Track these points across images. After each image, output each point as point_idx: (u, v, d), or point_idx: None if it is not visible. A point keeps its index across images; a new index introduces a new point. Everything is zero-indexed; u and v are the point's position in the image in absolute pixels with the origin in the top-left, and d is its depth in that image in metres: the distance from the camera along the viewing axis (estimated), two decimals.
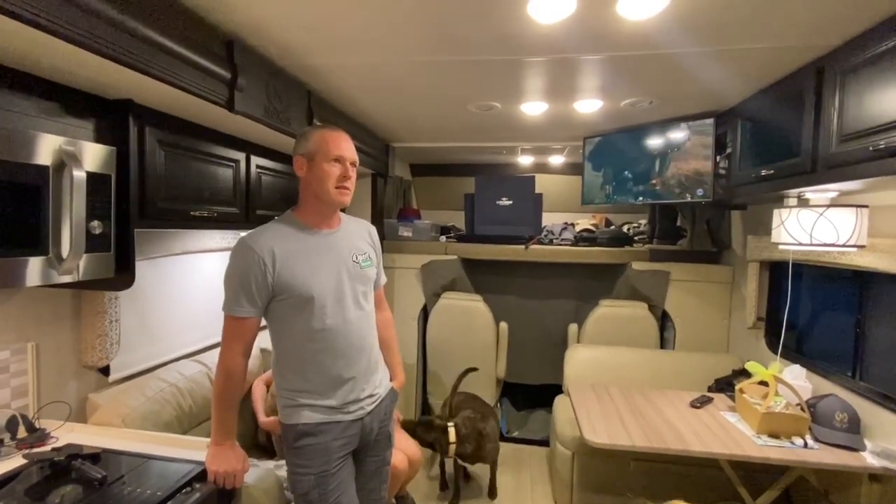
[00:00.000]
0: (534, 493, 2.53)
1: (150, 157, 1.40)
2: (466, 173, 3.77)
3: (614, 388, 2.24)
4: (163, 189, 1.44)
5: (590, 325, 2.91)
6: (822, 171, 1.49)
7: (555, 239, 3.17)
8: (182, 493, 1.16)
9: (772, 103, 1.81)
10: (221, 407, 1.27)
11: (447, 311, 3.07)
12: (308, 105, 1.92)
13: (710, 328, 2.78)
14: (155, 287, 1.87)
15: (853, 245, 1.60)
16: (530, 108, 2.21)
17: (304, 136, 1.32)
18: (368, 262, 1.41)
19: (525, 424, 3.41)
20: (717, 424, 1.83)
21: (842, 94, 1.41)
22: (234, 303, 1.24)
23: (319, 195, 1.29)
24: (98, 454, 1.27)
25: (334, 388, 1.30)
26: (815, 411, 1.72)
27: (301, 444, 1.28)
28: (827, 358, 2.04)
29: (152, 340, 1.85)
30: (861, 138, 1.32)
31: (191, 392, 1.76)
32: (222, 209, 1.72)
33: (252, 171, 1.88)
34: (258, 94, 1.57)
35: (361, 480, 1.42)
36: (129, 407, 1.54)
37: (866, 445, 1.61)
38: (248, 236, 1.26)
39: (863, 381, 1.82)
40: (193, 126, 1.60)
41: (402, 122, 2.60)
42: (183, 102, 1.38)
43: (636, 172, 2.57)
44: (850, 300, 1.91)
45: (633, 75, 1.79)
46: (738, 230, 2.69)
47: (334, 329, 1.29)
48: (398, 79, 1.86)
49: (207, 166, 1.65)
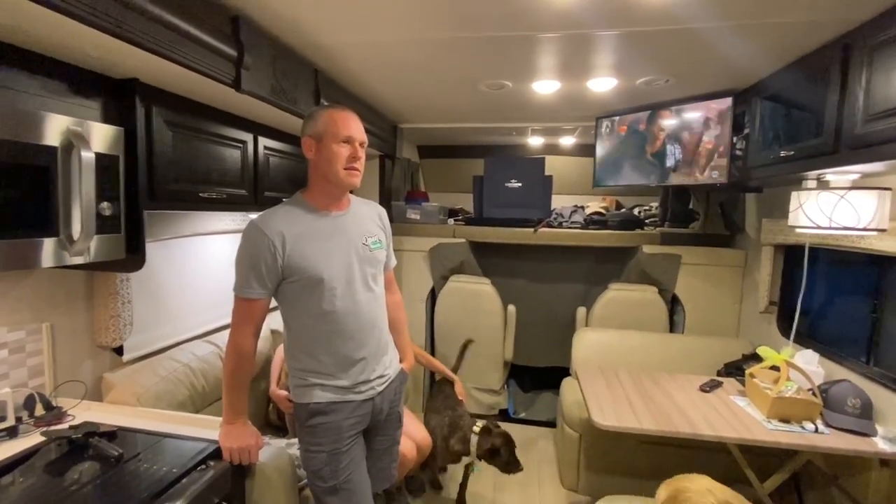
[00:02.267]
0: (540, 473, 2.56)
1: (157, 137, 1.38)
2: (475, 155, 3.71)
3: (623, 371, 2.23)
4: (171, 170, 1.44)
5: (599, 309, 2.89)
6: (846, 151, 1.44)
7: (564, 222, 3.14)
8: (197, 471, 1.18)
9: (794, 81, 1.74)
10: (232, 387, 1.29)
11: (455, 294, 3.07)
12: (315, 85, 1.89)
13: (721, 312, 2.75)
14: (166, 269, 1.88)
15: (874, 228, 1.55)
16: (542, 86, 2.16)
17: (312, 117, 1.29)
18: (378, 245, 1.40)
19: (532, 406, 3.43)
20: (727, 408, 1.83)
21: (869, 72, 1.35)
22: (244, 285, 1.24)
23: (329, 177, 1.28)
24: (114, 432, 1.29)
25: (345, 368, 1.31)
26: (827, 396, 1.71)
27: (313, 422, 1.29)
28: (840, 343, 2.02)
29: (164, 321, 1.87)
30: (889, 117, 1.27)
31: (203, 372, 1.79)
32: (230, 191, 1.71)
33: (260, 152, 1.86)
34: (265, 72, 1.54)
35: (372, 459, 1.44)
36: (144, 386, 1.56)
37: (878, 431, 1.60)
38: (258, 219, 1.25)
39: (877, 366, 1.79)
40: (200, 106, 1.58)
41: (410, 103, 2.56)
42: (189, 81, 1.36)
43: (650, 153, 2.52)
44: (866, 285, 1.88)
45: (650, 52, 1.73)
46: (753, 213, 2.63)
47: (344, 311, 1.29)
48: (407, 57, 1.81)
49: (215, 147, 1.64)
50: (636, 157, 2.59)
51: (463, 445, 1.97)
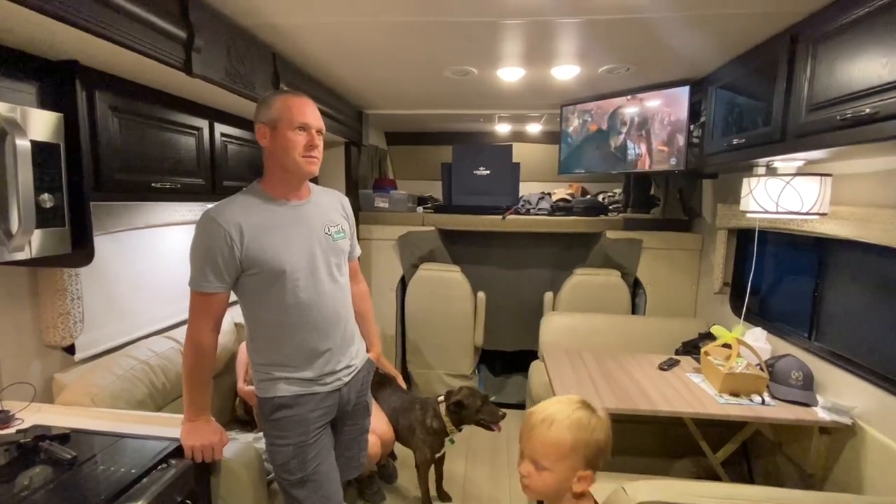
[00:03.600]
0: (509, 451, 2.64)
1: (102, 124, 1.30)
2: (443, 142, 3.69)
3: (587, 352, 2.31)
4: (118, 159, 1.36)
5: (565, 293, 2.97)
6: (791, 140, 1.52)
7: (532, 209, 3.18)
8: (157, 470, 1.15)
9: (746, 71, 1.81)
10: (193, 384, 1.25)
11: (425, 283, 3.07)
12: (274, 68, 1.82)
13: (679, 294, 2.88)
14: (119, 263, 1.80)
15: (816, 213, 1.65)
16: (507, 73, 2.16)
17: (265, 103, 1.25)
18: (341, 234, 1.38)
19: (502, 389, 3.51)
20: (683, 385, 1.92)
21: (813, 63, 1.42)
22: (200, 278, 1.20)
23: (286, 165, 1.24)
24: (67, 434, 1.24)
25: (310, 360, 1.30)
26: (773, 370, 1.82)
27: (278, 416, 1.28)
28: (786, 321, 2.15)
29: (119, 318, 1.79)
30: (829, 108, 1.34)
31: (163, 369, 1.73)
32: (186, 180, 1.64)
33: (217, 139, 1.79)
34: (218, 55, 1.47)
35: (340, 449, 1.44)
36: (98, 386, 1.50)
37: (818, 401, 1.72)
38: (212, 209, 1.21)
39: (818, 341, 1.92)
40: (150, 91, 1.49)
41: (375, 88, 2.51)
42: (135, 65, 1.28)
43: (613, 141, 2.57)
44: (809, 266, 2.00)
45: (610, 40, 1.75)
46: (709, 199, 2.74)
47: (308, 302, 1.27)
48: (369, 41, 1.77)
49: (167, 134, 1.56)
50: (600, 146, 2.64)
51: (438, 420, 2.00)
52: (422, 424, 2.03)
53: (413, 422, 2.06)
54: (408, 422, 2.08)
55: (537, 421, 0.97)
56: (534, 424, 0.97)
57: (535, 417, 0.98)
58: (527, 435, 0.98)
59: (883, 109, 1.14)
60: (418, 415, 2.06)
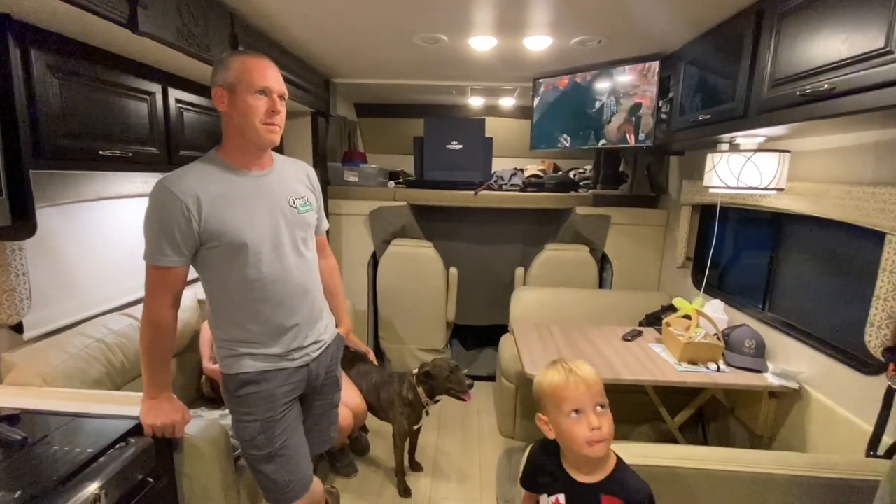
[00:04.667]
0: (480, 422, 2.71)
1: (39, 85, 1.20)
2: (415, 114, 3.61)
3: (555, 326, 2.36)
4: (60, 124, 1.26)
5: (535, 269, 3.01)
6: (753, 116, 1.55)
7: (504, 184, 3.18)
8: (116, 449, 1.12)
9: (713, 46, 1.82)
10: (152, 361, 1.21)
11: (397, 258, 3.05)
12: (232, 30, 1.71)
13: (644, 268, 2.96)
14: (71, 237, 1.69)
15: (774, 188, 1.71)
16: (479, 42, 2.11)
17: (223, 64, 1.17)
18: (308, 207, 1.34)
19: (474, 362, 3.57)
20: (645, 355, 2.00)
21: (777, 39, 1.44)
22: (156, 251, 1.14)
23: (245, 132, 1.18)
24: (17, 415, 1.19)
25: (276, 336, 1.27)
26: (729, 339, 1.91)
27: (244, 392, 1.25)
28: (743, 293, 2.25)
29: (71, 294, 1.70)
30: (790, 83, 1.37)
31: (121, 347, 1.66)
32: (138, 149, 1.54)
33: (171, 105, 1.68)
34: (168, 12, 1.36)
35: (310, 423, 1.43)
36: (49, 365, 1.43)
37: (768, 367, 1.82)
38: (166, 179, 1.14)
39: (770, 312, 2.03)
40: (93, 50, 1.38)
41: (342, 55, 2.40)
42: (74, 20, 1.18)
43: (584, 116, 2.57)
44: (765, 240, 2.08)
45: (582, 11, 1.72)
46: (675, 175, 2.80)
47: (272, 277, 1.23)
48: (335, 2, 1.68)
49: (115, 98, 1.45)
50: (573, 117, 2.63)
51: (413, 392, 2.03)
52: (399, 396, 2.06)
53: (392, 394, 2.09)
54: (388, 395, 2.10)
55: (575, 369, 1.00)
56: (579, 374, 0.99)
57: (573, 371, 1.00)
58: (581, 388, 0.97)
59: (840, 85, 1.17)
60: (396, 387, 2.09)
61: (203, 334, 1.92)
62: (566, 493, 1.01)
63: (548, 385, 1.02)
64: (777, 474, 1.21)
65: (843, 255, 1.70)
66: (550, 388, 1.01)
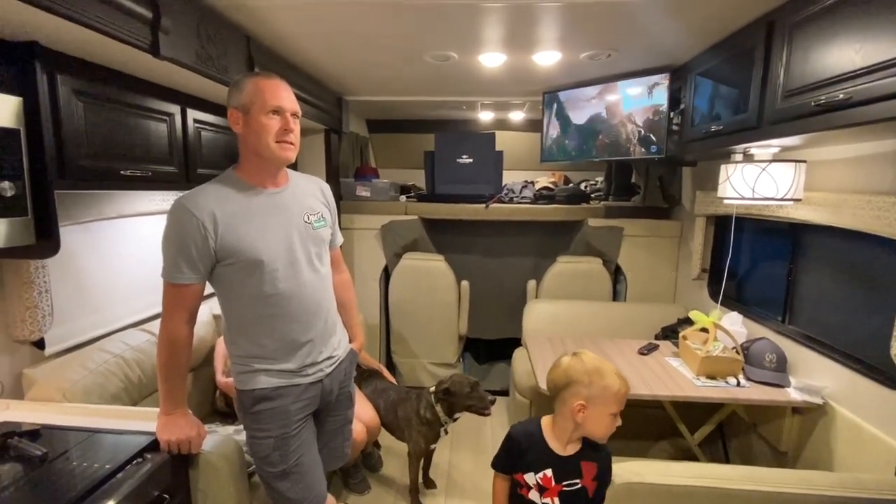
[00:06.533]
0: (494, 437, 2.67)
1: (65, 108, 1.24)
2: (426, 130, 3.66)
3: (569, 339, 2.33)
4: (84, 145, 1.30)
5: (547, 281, 2.99)
6: (767, 126, 1.54)
7: (515, 197, 3.18)
8: (133, 465, 1.13)
9: (724, 57, 1.82)
10: (168, 377, 1.22)
11: (409, 272, 3.06)
12: (248, 52, 1.76)
13: (659, 280, 2.92)
14: (91, 254, 1.73)
15: (790, 199, 1.68)
16: (488, 59, 2.13)
17: (237, 87, 1.20)
18: (322, 222, 1.35)
19: (487, 377, 3.53)
20: (662, 369, 1.96)
21: (789, 49, 1.43)
22: (173, 269, 1.16)
23: (260, 151, 1.20)
24: (37, 430, 1.20)
25: (291, 352, 1.28)
26: (748, 353, 1.87)
27: (258, 408, 1.26)
28: (761, 305, 2.21)
29: (91, 310, 1.74)
30: (803, 94, 1.35)
31: (139, 362, 1.68)
32: (158, 168, 1.58)
33: (189, 125, 1.73)
34: (188, 37, 1.41)
35: (324, 440, 1.43)
36: (70, 381, 1.45)
37: (791, 382, 1.77)
38: (185, 197, 1.17)
39: (791, 324, 1.98)
40: (116, 74, 1.43)
41: (354, 73, 2.45)
42: (98, 46, 1.22)
43: (594, 129, 2.57)
44: (783, 251, 2.04)
45: (591, 25, 1.74)
46: (688, 186, 2.78)
47: (287, 293, 1.25)
48: (347, 23, 1.72)
49: (136, 120, 1.50)
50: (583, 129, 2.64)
51: (431, 410, 1.99)
52: (417, 415, 2.02)
53: (409, 412, 2.05)
54: (405, 413, 2.06)
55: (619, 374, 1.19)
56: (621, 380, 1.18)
57: (626, 383, 1.19)
58: (624, 399, 1.17)
59: (856, 95, 1.16)
60: (413, 405, 2.05)
61: (218, 348, 1.94)
62: (553, 468, 1.19)
63: (610, 385, 1.16)
64: (801, 494, 1.17)
65: (866, 266, 1.66)
66: (611, 391, 1.15)
